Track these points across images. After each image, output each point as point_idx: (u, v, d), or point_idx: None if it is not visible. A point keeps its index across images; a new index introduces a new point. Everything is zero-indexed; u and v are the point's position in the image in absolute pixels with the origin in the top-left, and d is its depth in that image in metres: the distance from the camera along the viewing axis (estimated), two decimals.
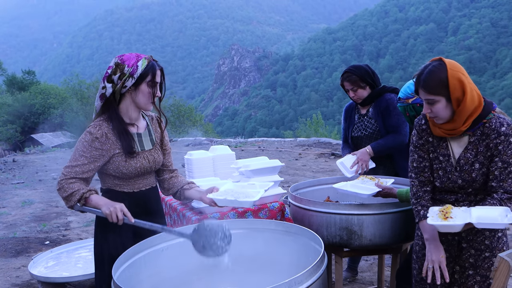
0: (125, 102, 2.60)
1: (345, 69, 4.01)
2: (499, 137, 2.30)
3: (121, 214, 2.39)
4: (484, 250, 2.44)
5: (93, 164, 2.53)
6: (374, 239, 3.04)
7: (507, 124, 2.30)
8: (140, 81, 2.54)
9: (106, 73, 2.54)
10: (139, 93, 2.56)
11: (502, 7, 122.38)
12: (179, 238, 2.50)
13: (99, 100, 2.58)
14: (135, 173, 2.65)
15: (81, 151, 2.51)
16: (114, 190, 2.67)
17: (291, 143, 17.47)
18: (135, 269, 2.40)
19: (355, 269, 4.73)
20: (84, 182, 2.54)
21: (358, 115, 4.08)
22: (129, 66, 2.50)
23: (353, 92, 3.92)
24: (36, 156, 20.58)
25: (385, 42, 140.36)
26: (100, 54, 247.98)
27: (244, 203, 2.55)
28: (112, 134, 2.56)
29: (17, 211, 8.86)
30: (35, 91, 42.71)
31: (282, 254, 2.62)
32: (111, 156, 2.57)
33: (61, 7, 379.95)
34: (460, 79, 2.27)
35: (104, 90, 2.54)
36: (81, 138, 2.54)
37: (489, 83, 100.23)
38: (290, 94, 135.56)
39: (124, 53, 2.60)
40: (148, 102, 2.61)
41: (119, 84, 2.51)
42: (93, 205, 2.46)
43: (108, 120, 2.58)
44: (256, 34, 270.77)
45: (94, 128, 2.54)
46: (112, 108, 2.57)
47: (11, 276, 5.32)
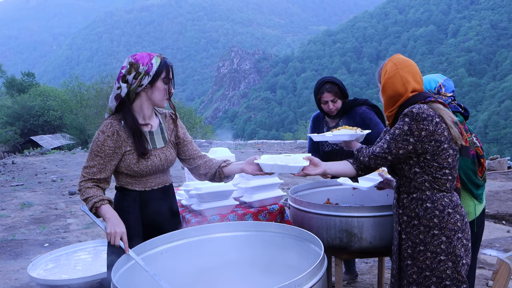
0: (139, 101, 2.62)
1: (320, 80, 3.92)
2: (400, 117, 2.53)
3: (118, 239, 2.44)
4: (418, 243, 2.55)
5: (109, 163, 2.57)
6: (374, 242, 3.04)
7: (412, 108, 2.44)
8: (156, 79, 2.58)
9: (120, 73, 2.55)
10: (155, 90, 2.60)
11: (502, 9, 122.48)
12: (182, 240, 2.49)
13: (114, 101, 2.59)
14: (146, 171, 2.66)
15: (96, 151, 2.56)
16: (126, 189, 2.69)
17: (291, 145, 17.47)
18: (134, 271, 2.39)
19: (353, 272, 4.72)
20: (104, 183, 2.59)
21: (327, 128, 4.03)
22: (144, 65, 2.53)
23: (333, 104, 3.86)
24: (35, 158, 20.58)
25: (385, 44, 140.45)
26: (99, 56, 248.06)
27: (294, 168, 2.57)
28: (123, 132, 2.59)
29: (17, 213, 8.85)
30: (34, 93, 42.76)
31: (282, 256, 2.61)
32: (123, 153, 2.60)
33: (61, 9, 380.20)
34: (387, 66, 2.59)
35: (119, 91, 2.55)
36: (95, 138, 2.58)
37: (489, 85, 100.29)
38: (290, 96, 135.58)
39: (136, 53, 2.61)
40: (164, 98, 2.65)
41: (135, 83, 2.53)
42: (102, 215, 2.51)
43: (121, 119, 2.60)
44: (255, 36, 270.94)
45: (106, 127, 2.57)
46: (126, 108, 2.59)
47: (10, 279, 5.31)
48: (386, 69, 2.59)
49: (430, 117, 2.40)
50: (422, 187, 2.53)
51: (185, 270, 2.63)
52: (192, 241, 2.71)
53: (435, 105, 2.48)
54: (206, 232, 2.75)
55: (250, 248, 2.70)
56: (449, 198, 2.51)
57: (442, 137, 2.43)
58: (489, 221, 6.90)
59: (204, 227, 2.78)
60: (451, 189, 2.54)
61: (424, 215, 2.52)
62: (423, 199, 2.52)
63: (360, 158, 2.62)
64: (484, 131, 79.51)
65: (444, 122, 2.44)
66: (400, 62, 2.57)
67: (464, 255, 2.53)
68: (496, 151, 59.37)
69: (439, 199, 2.50)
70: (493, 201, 7.79)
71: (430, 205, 2.51)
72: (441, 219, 2.49)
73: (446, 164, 2.47)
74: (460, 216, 2.53)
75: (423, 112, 2.40)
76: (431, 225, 2.50)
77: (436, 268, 2.51)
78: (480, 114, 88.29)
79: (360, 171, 2.67)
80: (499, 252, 5.54)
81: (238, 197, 3.94)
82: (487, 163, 10.71)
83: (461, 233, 2.53)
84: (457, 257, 2.51)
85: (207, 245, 2.72)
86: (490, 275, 4.67)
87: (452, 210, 2.50)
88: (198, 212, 3.64)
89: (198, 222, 3.51)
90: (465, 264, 2.54)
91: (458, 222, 2.51)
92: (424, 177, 2.51)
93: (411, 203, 2.56)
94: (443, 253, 2.50)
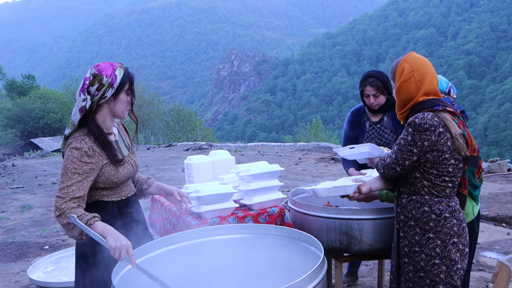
0: (102, 113, 2.56)
1: (365, 73, 3.85)
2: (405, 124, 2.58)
3: (125, 253, 2.27)
4: (414, 244, 2.59)
5: (86, 180, 2.45)
6: (374, 244, 3.04)
7: (414, 118, 2.47)
8: (119, 90, 2.53)
9: (84, 84, 2.47)
10: (118, 102, 2.55)
11: (501, 11, 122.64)
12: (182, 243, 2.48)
13: (78, 114, 2.49)
14: (123, 180, 2.63)
15: (73, 168, 2.42)
16: (102, 201, 2.61)
17: (291, 148, 17.46)
18: (134, 274, 2.39)
19: (355, 274, 4.72)
20: (83, 202, 2.44)
21: (369, 123, 3.95)
22: (108, 76, 2.47)
23: (374, 98, 3.78)
24: (35, 160, 20.57)
25: (384, 47, 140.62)
26: (100, 58, 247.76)
27: (350, 187, 2.79)
28: (96, 146, 2.51)
29: (16, 215, 8.85)
30: (34, 96, 42.76)
31: (282, 259, 2.62)
32: (101, 168, 2.53)
33: (61, 12, 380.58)
34: (404, 68, 2.58)
35: (84, 103, 2.47)
36: (68, 157, 2.44)
37: (489, 87, 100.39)
38: (290, 99, 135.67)
39: (98, 63, 2.55)
40: (126, 110, 2.60)
41: (98, 95, 2.47)
42: (98, 232, 2.31)
43: (89, 133, 2.52)
44: (256, 39, 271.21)
45: (80, 143, 2.46)
46: (90, 120, 2.52)
47: (10, 281, 5.31)
48: (401, 70, 2.59)
49: (433, 127, 2.42)
50: (421, 191, 2.55)
51: (185, 273, 2.63)
52: (192, 243, 2.71)
53: (442, 115, 2.48)
54: (206, 235, 2.75)
55: (250, 251, 2.69)
56: (446, 203, 2.52)
57: (444, 147, 2.44)
58: (489, 223, 6.90)
59: (204, 229, 2.78)
60: (451, 194, 2.55)
61: (420, 218, 2.54)
62: (421, 202, 2.54)
63: (379, 171, 2.71)
64: (484, 134, 79.57)
65: (449, 132, 2.44)
66: (416, 63, 2.57)
67: (460, 260, 2.54)
68: (496, 153, 59.43)
69: (437, 203, 2.51)
70: (493, 204, 7.79)
71: (427, 208, 2.53)
72: (436, 223, 2.50)
73: (446, 173, 2.49)
74: (458, 221, 2.53)
75: (426, 123, 2.42)
76: (427, 228, 2.53)
77: (430, 271, 2.53)
78: (480, 116, 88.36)
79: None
80: (499, 254, 5.54)
81: (238, 200, 3.94)
82: (487, 166, 10.71)
83: (457, 238, 2.53)
84: (452, 261, 2.51)
85: (207, 247, 2.72)
86: (490, 277, 4.67)
87: (449, 214, 2.51)
88: (198, 214, 3.64)
89: (198, 224, 3.51)
90: (460, 269, 2.54)
91: (455, 227, 2.51)
92: (423, 182, 2.53)
93: (409, 204, 2.59)
94: (438, 256, 2.51)
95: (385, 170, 2.64)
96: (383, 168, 2.66)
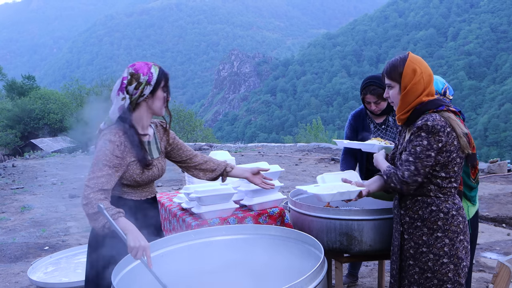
0: (139, 111, 2.61)
1: (366, 81, 3.80)
2: (413, 128, 2.50)
3: (141, 254, 2.27)
4: (421, 245, 2.56)
5: (116, 174, 2.48)
6: (375, 245, 3.03)
7: (425, 121, 2.45)
8: (156, 88, 2.58)
9: (123, 84, 2.53)
10: (155, 99, 2.60)
11: (501, 12, 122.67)
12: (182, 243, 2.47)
13: (117, 112, 2.55)
14: (146, 181, 2.66)
15: (104, 160, 2.44)
16: (122, 198, 2.64)
17: (291, 148, 17.46)
18: (134, 275, 2.39)
19: (355, 275, 4.72)
20: (109, 195, 2.46)
21: (373, 124, 3.92)
22: (144, 75, 2.53)
23: (376, 105, 3.75)
24: (35, 161, 20.56)
25: (385, 47, 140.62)
26: (100, 59, 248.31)
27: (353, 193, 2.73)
28: (128, 142, 2.55)
29: (17, 216, 8.84)
30: (35, 96, 42.72)
31: (282, 259, 2.61)
32: (127, 164, 2.56)
33: (61, 12, 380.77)
34: (414, 70, 2.50)
35: (123, 102, 2.53)
36: (102, 147, 2.47)
37: (489, 88, 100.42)
38: (290, 99, 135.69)
39: (133, 63, 2.61)
40: (163, 107, 2.66)
41: (137, 94, 2.53)
42: (120, 227, 2.31)
43: (122, 129, 2.55)
44: (256, 40, 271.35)
45: (114, 136, 2.50)
46: (127, 119, 2.56)
47: (10, 282, 5.31)
48: (412, 72, 2.51)
49: (443, 128, 2.42)
50: (427, 193, 2.54)
51: (185, 273, 2.63)
52: (192, 244, 2.71)
53: (446, 114, 2.48)
54: (206, 235, 2.75)
55: (250, 251, 2.69)
56: (452, 201, 2.53)
57: (452, 147, 2.45)
58: (489, 224, 6.90)
59: (204, 230, 2.78)
60: (455, 192, 2.56)
61: (428, 218, 2.52)
62: (428, 202, 2.53)
63: (392, 185, 2.56)
64: (484, 134, 79.58)
65: (454, 131, 2.45)
66: (422, 64, 2.55)
67: (465, 257, 2.54)
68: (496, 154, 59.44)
69: (443, 202, 2.51)
70: (493, 204, 7.79)
71: (435, 208, 2.52)
72: (444, 222, 2.50)
73: (452, 173, 2.50)
74: (462, 218, 2.54)
75: (438, 124, 2.41)
76: (435, 228, 2.51)
77: (438, 271, 2.51)
78: (480, 117, 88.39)
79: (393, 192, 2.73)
80: (499, 255, 5.53)
81: (238, 200, 3.94)
82: (487, 166, 10.71)
83: (463, 235, 2.54)
84: (459, 259, 2.52)
85: (207, 248, 2.72)
86: (490, 278, 4.66)
87: (455, 212, 2.51)
88: (198, 215, 3.64)
89: (198, 225, 3.50)
90: (465, 267, 2.55)
91: (461, 224, 2.52)
92: (430, 187, 2.52)
93: (414, 205, 2.57)
94: (446, 255, 2.50)
95: (403, 186, 2.49)
96: (401, 184, 2.50)
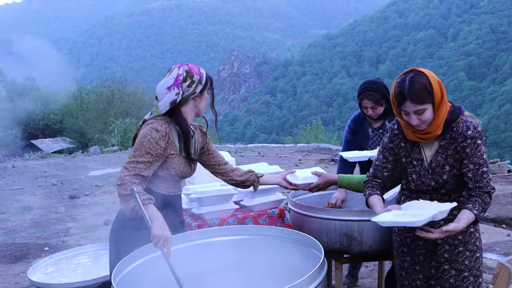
0: (186, 108, 2.69)
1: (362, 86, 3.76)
2: (465, 140, 2.42)
3: (162, 243, 2.32)
4: (457, 245, 2.54)
5: (156, 163, 2.55)
6: (375, 245, 3.04)
7: (473, 127, 2.42)
8: (205, 88, 2.70)
9: (178, 80, 2.60)
10: (202, 99, 2.72)
11: (501, 13, 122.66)
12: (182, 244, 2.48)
13: (169, 105, 2.62)
14: (180, 176, 2.71)
15: (147, 147, 2.50)
16: (151, 190, 2.66)
17: (291, 149, 17.47)
18: (135, 275, 2.39)
19: (355, 276, 4.72)
20: (144, 183, 2.52)
21: (371, 129, 3.91)
22: (197, 74, 2.64)
23: (373, 110, 3.72)
24: (35, 162, 20.56)
25: (384, 48, 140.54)
26: (100, 60, 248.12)
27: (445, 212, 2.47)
28: (171, 135, 2.61)
29: (17, 217, 8.84)
30: (35, 97, 42.73)
31: (282, 260, 2.61)
32: (167, 156, 2.61)
33: (61, 13, 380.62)
34: (439, 83, 2.39)
35: (177, 96, 2.60)
36: (147, 135, 2.52)
37: (489, 88, 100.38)
38: (290, 100, 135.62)
39: (185, 63, 2.69)
40: (206, 107, 2.77)
41: (189, 91, 2.62)
42: (148, 214, 2.36)
43: (171, 121, 2.64)
44: (256, 40, 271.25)
45: (161, 126, 2.56)
46: (178, 112, 2.64)
47: (10, 283, 5.30)
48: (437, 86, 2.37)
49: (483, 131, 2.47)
50: (462, 193, 2.55)
51: (185, 274, 2.62)
52: (192, 245, 2.71)
53: (467, 113, 2.51)
54: (206, 236, 2.75)
55: (250, 252, 2.69)
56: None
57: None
58: (489, 225, 6.90)
59: (204, 231, 2.78)
60: None
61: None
62: (461, 201, 2.53)
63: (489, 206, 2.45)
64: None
65: None
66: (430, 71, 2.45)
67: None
68: (496, 154, 59.36)
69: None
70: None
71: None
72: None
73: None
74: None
75: (480, 127, 2.44)
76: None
77: (474, 267, 2.55)
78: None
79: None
80: (499, 256, 5.53)
81: (238, 201, 3.94)
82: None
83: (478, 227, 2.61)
84: (481, 250, 2.58)
85: (207, 249, 2.72)
86: (490, 279, 4.66)
87: None
88: (198, 216, 3.64)
89: (198, 226, 3.51)
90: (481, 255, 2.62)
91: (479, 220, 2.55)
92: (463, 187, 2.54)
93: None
94: (478, 249, 2.55)
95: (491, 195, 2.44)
96: (491, 197, 2.43)
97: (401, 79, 2.41)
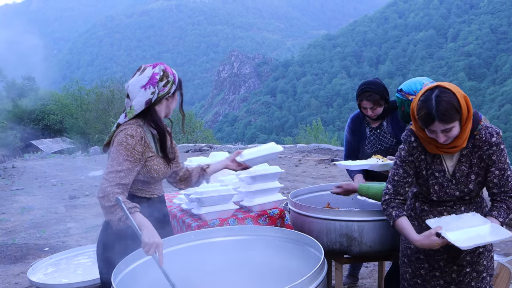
0: (160, 108, 2.67)
1: (361, 86, 3.76)
2: (491, 148, 2.38)
3: (154, 250, 2.28)
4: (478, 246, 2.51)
5: (135, 169, 2.50)
6: (375, 246, 3.03)
7: (496, 133, 2.39)
8: (177, 89, 2.71)
9: (155, 79, 2.58)
10: (174, 99, 2.73)
11: (501, 13, 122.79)
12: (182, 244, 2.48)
13: (144, 105, 2.58)
14: (161, 177, 2.69)
15: (125, 155, 2.45)
16: (136, 196, 2.64)
17: (291, 150, 17.46)
18: (135, 276, 2.38)
19: (355, 276, 4.72)
20: (126, 190, 2.47)
21: (369, 128, 3.92)
22: (171, 74, 2.65)
23: (372, 111, 3.71)
24: (35, 162, 20.57)
25: (385, 48, 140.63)
26: (100, 60, 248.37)
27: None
28: (146, 138, 2.58)
29: (17, 217, 8.84)
30: (35, 97, 42.77)
31: (282, 260, 2.61)
32: (146, 159, 2.57)
33: (61, 13, 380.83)
34: (466, 97, 2.27)
35: (152, 96, 2.58)
36: (122, 142, 2.47)
37: (489, 89, 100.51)
38: (290, 100, 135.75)
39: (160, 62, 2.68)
40: (174, 108, 2.77)
41: (165, 91, 2.61)
42: (136, 222, 2.30)
43: (146, 123, 2.61)
44: (256, 41, 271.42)
45: (135, 131, 2.52)
46: (153, 112, 2.62)
47: (10, 283, 5.30)
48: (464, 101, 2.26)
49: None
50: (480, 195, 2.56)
51: (185, 274, 2.62)
52: (192, 245, 2.70)
53: (483, 117, 2.49)
54: (206, 236, 2.75)
55: (250, 253, 2.69)
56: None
57: None
58: None
59: (204, 231, 2.78)
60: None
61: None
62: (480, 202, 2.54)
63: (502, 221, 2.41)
64: None
65: None
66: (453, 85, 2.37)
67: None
68: None
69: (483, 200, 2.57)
70: None
71: (485, 204, 2.55)
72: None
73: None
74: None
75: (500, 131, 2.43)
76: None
77: (490, 267, 2.55)
78: None
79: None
80: (499, 256, 5.53)
81: (238, 201, 3.94)
82: None
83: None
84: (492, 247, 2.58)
85: (207, 249, 2.72)
86: None
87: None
88: (198, 216, 3.64)
89: (198, 226, 3.51)
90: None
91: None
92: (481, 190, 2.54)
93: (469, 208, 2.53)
94: (492, 248, 2.56)
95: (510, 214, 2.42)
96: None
97: (426, 97, 2.28)
